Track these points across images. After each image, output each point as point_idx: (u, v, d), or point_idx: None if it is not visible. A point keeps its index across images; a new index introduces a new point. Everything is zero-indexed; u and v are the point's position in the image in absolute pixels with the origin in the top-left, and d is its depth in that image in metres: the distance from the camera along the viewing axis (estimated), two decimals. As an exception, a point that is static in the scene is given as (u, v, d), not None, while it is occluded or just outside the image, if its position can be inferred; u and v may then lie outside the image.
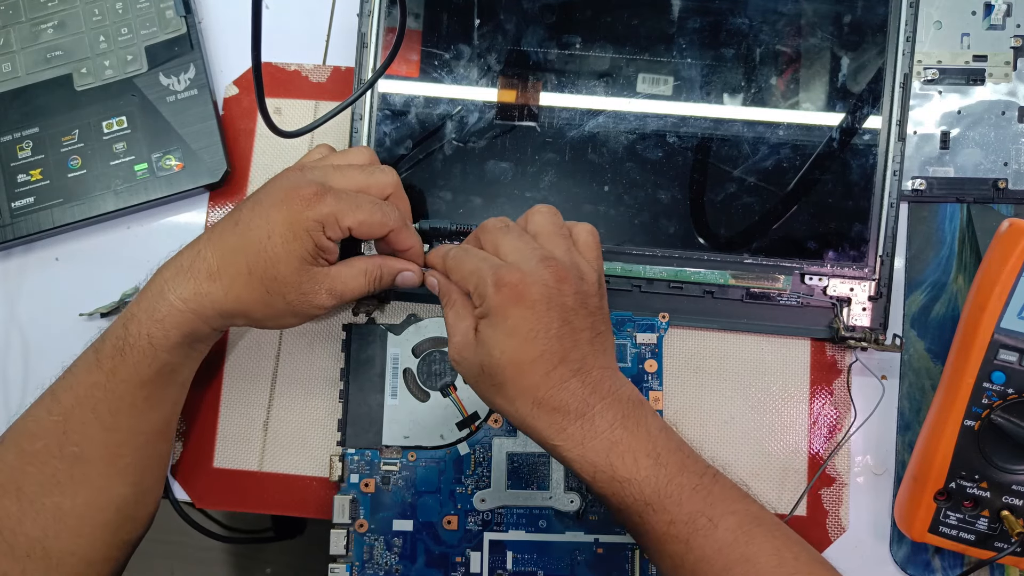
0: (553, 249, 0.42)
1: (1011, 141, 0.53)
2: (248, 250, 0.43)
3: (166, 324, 0.43)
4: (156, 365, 0.43)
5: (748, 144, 0.52)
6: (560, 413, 0.39)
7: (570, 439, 0.39)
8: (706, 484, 0.40)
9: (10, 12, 0.55)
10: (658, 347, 0.51)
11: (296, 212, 0.42)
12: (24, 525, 0.42)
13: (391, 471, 0.50)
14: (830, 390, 0.51)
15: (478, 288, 0.41)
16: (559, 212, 0.44)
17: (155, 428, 0.46)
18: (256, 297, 0.43)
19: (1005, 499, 0.45)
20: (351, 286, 0.45)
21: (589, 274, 0.42)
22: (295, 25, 0.57)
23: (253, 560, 1.18)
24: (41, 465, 0.43)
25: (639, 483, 0.39)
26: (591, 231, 0.44)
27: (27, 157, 0.54)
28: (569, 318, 0.40)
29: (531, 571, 0.49)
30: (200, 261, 0.43)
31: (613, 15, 0.52)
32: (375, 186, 0.46)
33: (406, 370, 0.51)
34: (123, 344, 0.43)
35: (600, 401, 0.40)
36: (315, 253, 0.43)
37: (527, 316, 0.39)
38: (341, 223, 0.43)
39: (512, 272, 0.40)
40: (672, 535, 0.39)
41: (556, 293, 0.40)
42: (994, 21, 0.53)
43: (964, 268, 0.52)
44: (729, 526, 0.39)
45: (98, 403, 0.43)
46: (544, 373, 0.39)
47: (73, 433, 0.43)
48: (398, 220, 0.46)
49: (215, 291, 0.43)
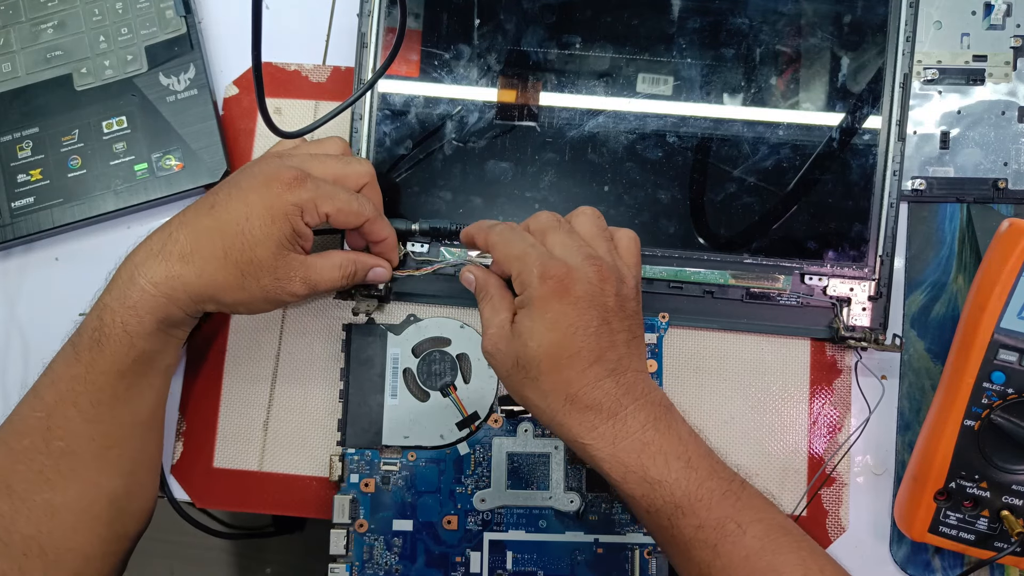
0: (597, 249, 0.42)
1: (1011, 141, 0.53)
2: (225, 232, 0.43)
3: (139, 310, 0.42)
4: (133, 354, 0.43)
5: (748, 144, 0.52)
6: (592, 411, 0.40)
7: (601, 438, 0.40)
8: (735, 490, 0.40)
9: (10, 12, 0.55)
10: (658, 347, 0.51)
11: (276, 195, 0.43)
12: (17, 523, 0.42)
13: (391, 471, 0.50)
14: (830, 390, 0.51)
15: (521, 275, 0.41)
16: (602, 216, 0.45)
17: (140, 418, 0.45)
18: (230, 280, 0.43)
19: (1005, 499, 0.45)
20: (325, 277, 0.46)
21: (629, 278, 0.42)
22: (295, 25, 0.57)
23: (253, 560, 1.18)
24: (29, 462, 0.43)
25: (670, 485, 0.39)
26: (633, 237, 0.45)
27: (27, 157, 0.54)
28: (608, 318, 0.40)
29: (531, 571, 0.49)
30: (172, 243, 0.43)
31: (613, 15, 0.52)
32: (352, 175, 0.47)
33: (406, 370, 0.51)
34: (99, 335, 0.42)
35: (633, 402, 0.40)
36: (292, 238, 0.44)
37: (569, 311, 0.40)
38: (319, 209, 0.44)
39: (559, 265, 0.40)
40: (700, 540, 0.39)
41: (599, 292, 0.40)
42: (994, 21, 0.53)
43: (964, 268, 0.52)
44: (757, 533, 0.39)
45: (79, 396, 0.43)
46: (580, 370, 0.40)
47: (57, 428, 0.43)
48: (373, 211, 0.46)
49: (187, 273, 0.42)
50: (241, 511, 0.52)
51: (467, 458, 0.50)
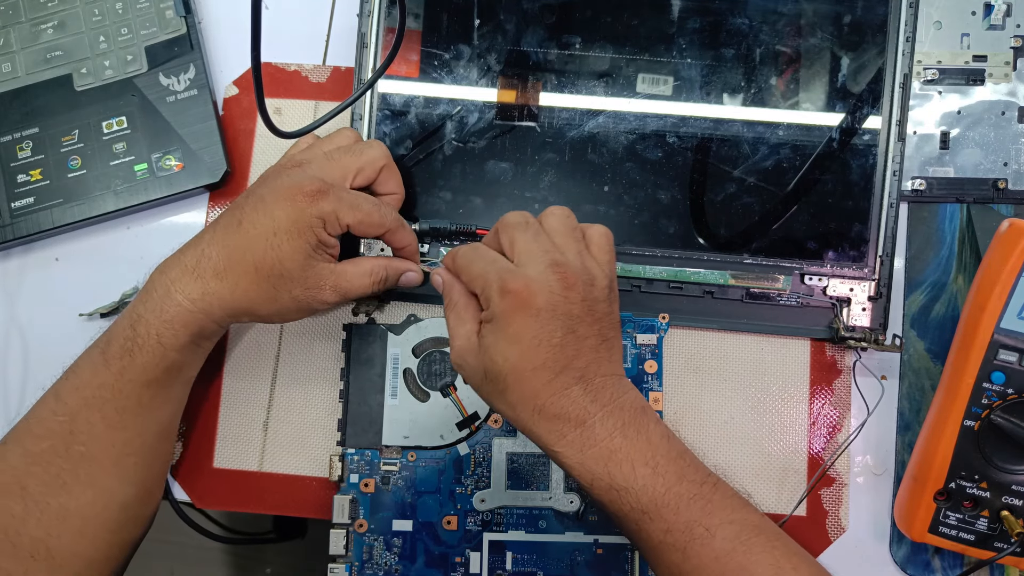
0: (565, 252, 0.41)
1: (1011, 141, 0.53)
2: (255, 248, 0.44)
3: (175, 324, 0.43)
4: (164, 364, 0.44)
5: (748, 144, 0.52)
6: (560, 420, 0.39)
7: (570, 446, 0.39)
8: (705, 493, 0.39)
9: (10, 12, 0.55)
10: (658, 347, 0.51)
11: (300, 209, 0.44)
12: (28, 526, 0.42)
13: (391, 471, 0.50)
14: (830, 390, 0.51)
15: (484, 292, 0.41)
16: (573, 214, 0.44)
17: (161, 427, 0.46)
18: (263, 294, 0.44)
19: (1005, 499, 0.45)
20: (356, 284, 0.46)
21: (600, 278, 0.41)
22: (295, 25, 0.57)
23: (253, 560, 1.18)
24: (46, 465, 0.43)
25: (636, 492, 0.39)
26: (604, 233, 0.44)
27: (27, 157, 0.54)
28: (574, 326, 0.40)
29: (531, 571, 0.49)
30: (206, 260, 0.44)
31: (613, 15, 0.52)
32: (367, 164, 0.47)
33: (406, 370, 0.51)
34: (132, 345, 0.43)
35: (600, 409, 0.40)
36: (318, 248, 0.45)
37: (530, 324, 0.39)
38: (341, 220, 0.45)
39: (517, 279, 0.40)
40: (669, 544, 0.39)
41: (562, 301, 0.40)
42: (994, 21, 0.53)
43: (964, 268, 0.52)
44: (727, 535, 0.39)
45: (105, 403, 0.43)
46: (545, 381, 0.39)
47: (80, 433, 0.43)
48: (395, 220, 0.47)
49: (222, 290, 0.44)
50: (241, 511, 0.52)
51: (467, 458, 0.50)
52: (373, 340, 0.51)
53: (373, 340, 0.51)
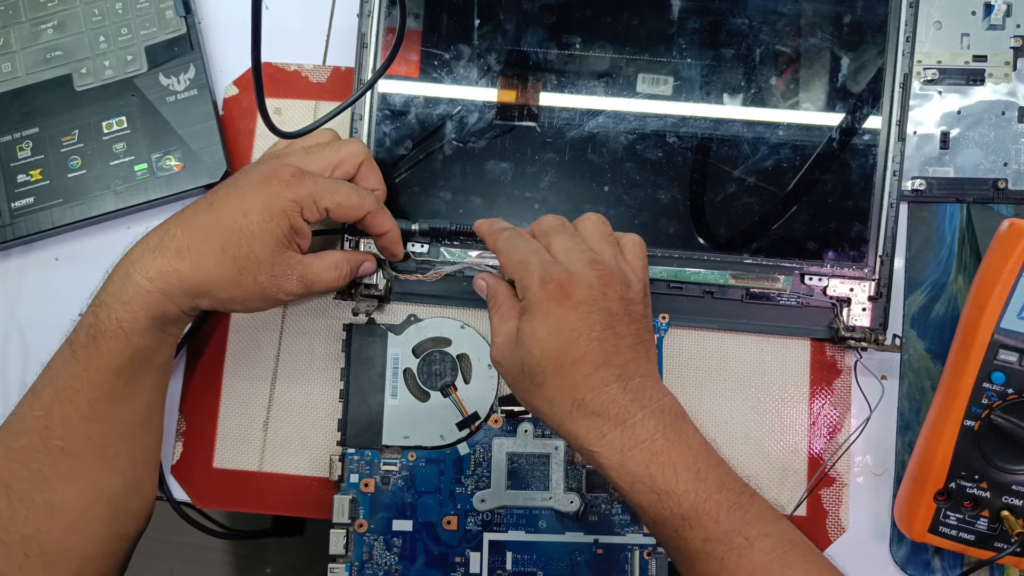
0: (601, 253, 0.42)
1: (1011, 141, 0.53)
2: (222, 228, 0.43)
3: (134, 306, 0.42)
4: (129, 351, 0.43)
5: (748, 144, 0.52)
6: (600, 418, 0.39)
7: (609, 446, 0.39)
8: (744, 503, 0.39)
9: (10, 12, 0.55)
10: (658, 347, 0.51)
11: (275, 193, 0.43)
12: (16, 523, 0.42)
13: (391, 471, 0.50)
14: (830, 390, 0.51)
15: (523, 280, 0.41)
16: (608, 221, 0.45)
17: (138, 416, 0.45)
18: (226, 275, 0.43)
19: (1005, 499, 0.45)
20: (322, 277, 0.46)
21: (635, 282, 0.42)
22: (295, 25, 0.57)
23: (253, 560, 1.18)
24: (27, 461, 0.43)
25: (678, 497, 0.38)
26: (639, 241, 0.45)
27: (27, 157, 0.54)
28: (612, 323, 0.40)
29: (531, 571, 0.49)
30: (169, 239, 0.43)
31: (613, 15, 0.52)
32: (347, 158, 0.47)
33: (406, 370, 0.51)
34: (95, 332, 0.42)
35: (641, 410, 0.39)
36: (290, 235, 0.44)
37: (570, 315, 0.39)
38: (319, 204, 0.44)
39: (560, 270, 0.40)
40: (707, 552, 0.38)
41: (600, 296, 0.40)
42: (994, 21, 0.53)
43: (964, 268, 0.52)
44: (764, 547, 0.38)
45: (76, 394, 0.43)
46: (585, 375, 0.39)
47: (55, 427, 0.43)
48: (374, 204, 0.47)
49: (183, 268, 0.42)
50: (241, 511, 0.52)
51: (467, 458, 0.50)
52: (373, 340, 0.51)
53: (373, 340, 0.51)
